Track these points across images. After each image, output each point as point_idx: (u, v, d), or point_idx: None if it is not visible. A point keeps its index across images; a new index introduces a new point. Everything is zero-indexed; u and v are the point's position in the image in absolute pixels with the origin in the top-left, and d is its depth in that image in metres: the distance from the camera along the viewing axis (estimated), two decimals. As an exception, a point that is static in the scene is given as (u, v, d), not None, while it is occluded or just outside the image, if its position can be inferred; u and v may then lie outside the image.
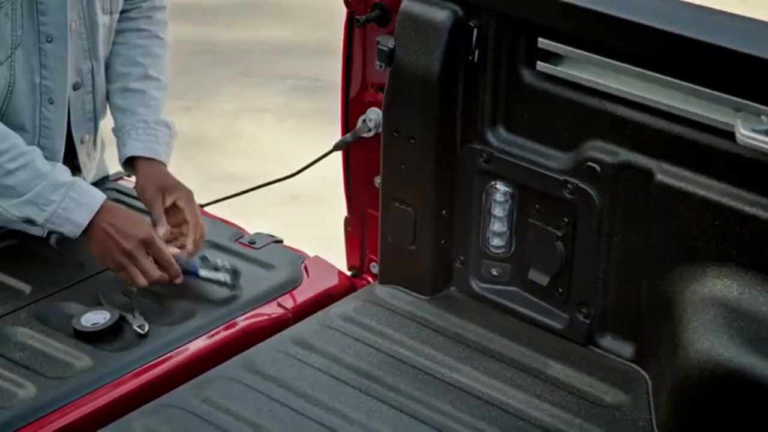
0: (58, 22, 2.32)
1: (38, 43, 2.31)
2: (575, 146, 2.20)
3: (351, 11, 2.41)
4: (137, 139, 2.48)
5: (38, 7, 2.29)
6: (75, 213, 2.28)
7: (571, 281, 2.27)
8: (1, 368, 2.17)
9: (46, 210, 2.28)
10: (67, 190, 2.28)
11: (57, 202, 2.27)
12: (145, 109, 2.50)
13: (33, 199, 2.27)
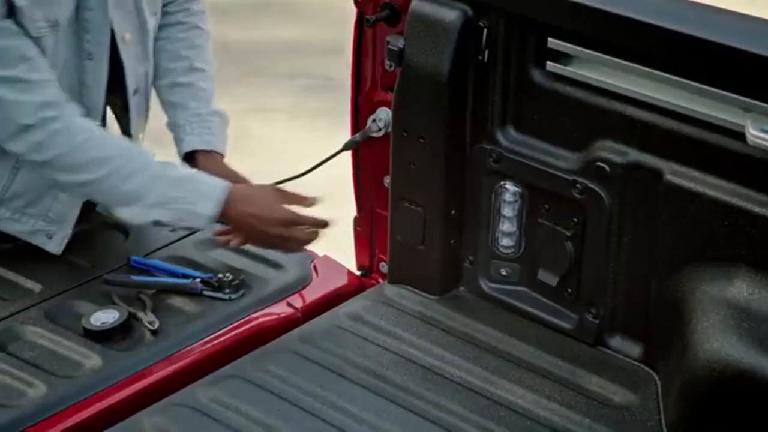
0: (99, 40, 2.32)
1: (80, 60, 2.31)
2: (585, 146, 2.19)
3: (361, 11, 2.42)
4: (193, 134, 2.49)
5: (84, 24, 2.29)
6: (200, 206, 2.25)
7: (581, 281, 2.27)
8: (12, 367, 2.17)
9: (171, 209, 2.25)
10: (188, 185, 2.27)
11: (180, 199, 2.25)
12: (196, 102, 2.52)
13: (155, 201, 2.25)
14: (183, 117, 2.51)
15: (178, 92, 2.53)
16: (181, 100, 2.52)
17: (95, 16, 2.30)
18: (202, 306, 2.36)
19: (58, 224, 2.40)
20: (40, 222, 2.40)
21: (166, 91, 2.54)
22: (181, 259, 2.49)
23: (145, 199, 2.25)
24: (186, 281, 2.39)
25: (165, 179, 2.26)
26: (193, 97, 2.52)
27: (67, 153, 2.22)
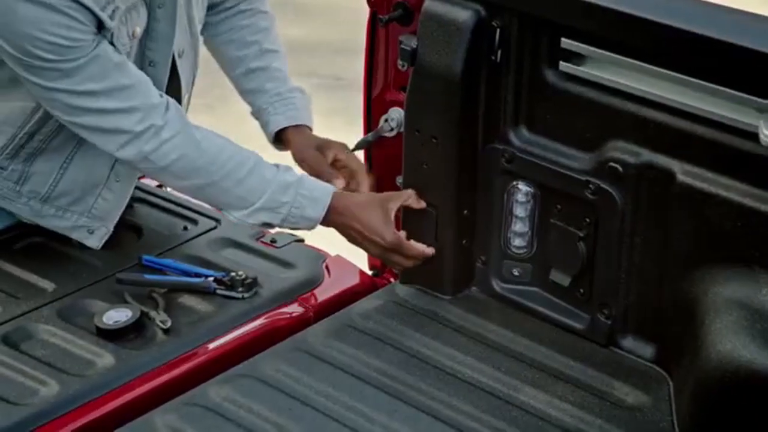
0: (163, 50, 2.33)
1: (141, 67, 2.31)
2: (597, 146, 2.19)
3: (374, 11, 2.42)
4: (276, 113, 2.50)
5: (150, 33, 2.30)
6: (308, 210, 2.28)
7: (593, 282, 2.27)
8: (24, 365, 2.18)
9: (280, 213, 2.28)
10: (296, 189, 2.28)
11: (289, 203, 2.27)
12: (273, 83, 2.52)
13: (265, 205, 2.27)
14: (263, 100, 2.51)
15: (254, 78, 2.52)
16: (258, 85, 2.52)
17: (162, 27, 2.31)
18: (214, 305, 2.37)
19: (100, 221, 2.43)
20: (83, 218, 2.42)
21: (241, 79, 2.54)
22: (194, 258, 2.49)
23: (256, 203, 2.27)
24: (198, 280, 2.39)
25: (275, 183, 2.28)
26: (269, 79, 2.52)
27: (179, 159, 2.23)
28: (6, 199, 2.41)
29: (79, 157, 2.38)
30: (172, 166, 2.24)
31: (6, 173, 2.39)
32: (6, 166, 2.38)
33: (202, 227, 2.60)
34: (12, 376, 2.15)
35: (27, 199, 2.41)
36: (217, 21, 2.55)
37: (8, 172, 2.39)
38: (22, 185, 2.40)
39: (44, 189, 2.39)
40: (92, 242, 2.44)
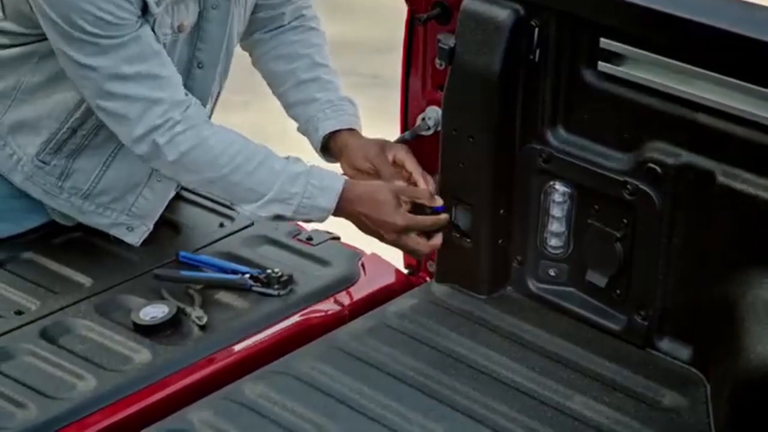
0: (213, 52, 2.34)
1: (190, 67, 2.33)
2: (636, 147, 2.18)
3: (412, 9, 2.41)
4: (327, 119, 2.45)
5: (200, 35, 2.31)
6: (320, 199, 2.27)
7: (630, 283, 2.26)
8: (62, 360, 2.19)
9: (291, 204, 2.26)
10: (307, 178, 2.27)
11: (300, 194, 2.26)
12: (325, 93, 2.48)
13: (276, 196, 2.26)
14: (314, 108, 2.47)
15: (304, 88, 2.49)
16: (308, 95, 2.48)
17: (213, 28, 2.31)
18: (250, 302, 2.37)
19: (140, 219, 2.44)
20: (123, 216, 2.43)
21: (291, 92, 2.50)
22: (230, 255, 2.50)
23: (266, 195, 2.26)
24: (234, 277, 2.40)
25: (285, 174, 2.27)
26: (320, 90, 2.49)
27: (189, 151, 2.24)
28: (48, 194, 2.43)
29: (121, 156, 2.39)
30: (183, 159, 2.24)
31: (48, 168, 2.41)
32: (49, 161, 2.40)
33: (239, 224, 2.61)
34: (50, 370, 2.17)
35: (68, 195, 2.42)
36: (269, 38, 2.53)
37: (51, 167, 2.40)
38: (64, 181, 2.41)
39: (86, 186, 2.41)
40: (131, 239, 2.46)
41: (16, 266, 2.43)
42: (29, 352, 2.21)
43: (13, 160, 2.41)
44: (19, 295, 2.36)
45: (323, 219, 2.32)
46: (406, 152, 2.41)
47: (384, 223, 2.29)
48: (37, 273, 2.42)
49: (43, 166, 2.40)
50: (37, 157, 2.40)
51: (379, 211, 2.29)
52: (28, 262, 2.45)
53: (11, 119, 2.39)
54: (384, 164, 2.39)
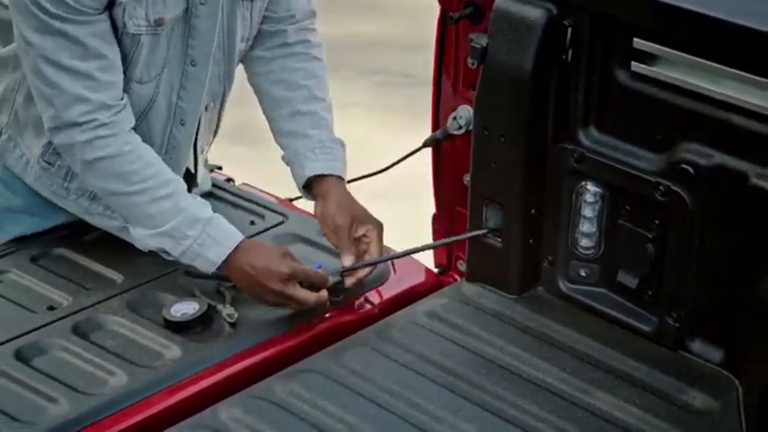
0: (204, 49, 2.33)
1: (183, 65, 2.32)
2: (668, 148, 2.17)
3: (444, 8, 2.41)
4: (316, 160, 2.42)
5: (191, 31, 2.30)
6: (210, 250, 2.25)
7: (661, 284, 2.25)
8: (94, 355, 2.20)
9: (181, 244, 2.25)
10: (204, 227, 2.26)
11: (193, 237, 2.24)
12: (318, 131, 2.45)
13: (170, 232, 2.25)
14: (303, 145, 2.44)
15: (298, 121, 2.46)
16: (301, 129, 2.46)
17: (203, 24, 2.30)
18: (280, 299, 2.38)
19: None
20: None
21: (284, 120, 2.48)
22: (261, 252, 2.50)
23: (161, 226, 2.25)
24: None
25: (186, 213, 2.26)
26: (313, 126, 2.46)
27: (106, 158, 2.24)
28: (56, 195, 2.43)
29: None
30: (96, 164, 2.24)
31: (54, 169, 2.41)
32: (53, 162, 2.40)
33: (269, 222, 2.62)
34: (82, 366, 2.18)
35: (76, 197, 2.42)
36: (271, 58, 2.50)
37: (56, 168, 2.41)
38: (69, 182, 2.41)
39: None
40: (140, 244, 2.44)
41: (48, 262, 2.45)
42: (61, 347, 2.22)
43: (23, 160, 2.43)
44: (51, 290, 2.37)
45: (206, 270, 2.28)
46: (378, 236, 2.38)
47: (268, 272, 2.24)
48: (69, 269, 2.43)
49: (49, 167, 2.41)
50: (42, 158, 2.40)
51: (263, 258, 2.26)
52: (60, 258, 2.47)
53: (18, 121, 2.41)
54: (346, 235, 2.36)
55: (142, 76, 2.30)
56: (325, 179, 2.42)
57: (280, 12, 2.47)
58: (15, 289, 2.38)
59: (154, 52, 2.28)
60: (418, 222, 2.81)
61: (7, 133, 2.43)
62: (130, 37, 2.25)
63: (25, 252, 2.46)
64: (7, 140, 2.43)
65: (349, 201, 2.41)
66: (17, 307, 2.33)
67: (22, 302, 2.34)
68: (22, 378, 2.14)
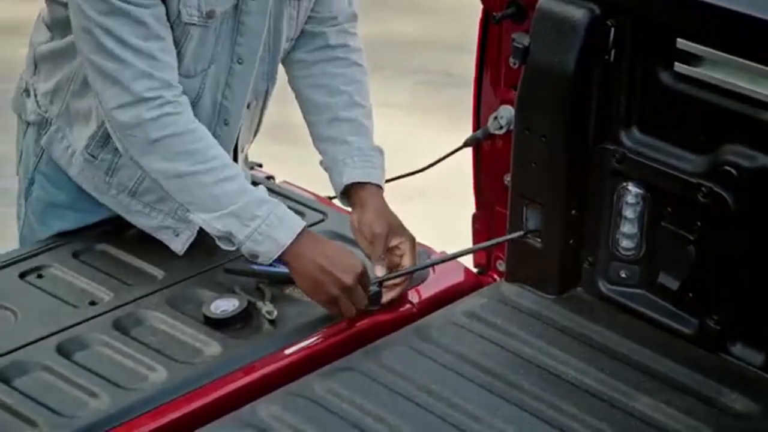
0: (252, 47, 2.33)
1: (230, 63, 2.33)
2: (711, 149, 2.16)
3: (487, 8, 2.41)
4: (354, 167, 2.41)
5: (239, 28, 2.31)
6: (278, 231, 2.22)
7: (703, 286, 2.23)
8: (134, 351, 2.22)
9: (249, 225, 2.21)
10: (271, 208, 2.24)
11: (262, 218, 2.22)
12: (357, 138, 2.43)
13: (237, 212, 2.21)
14: (342, 151, 2.43)
15: (338, 127, 2.45)
16: (340, 135, 2.44)
17: (253, 21, 2.31)
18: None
19: (185, 223, 2.41)
20: (169, 219, 2.42)
21: (324, 125, 2.47)
22: (300, 250, 2.51)
23: (228, 207, 2.22)
24: None
25: (252, 195, 2.25)
26: (353, 133, 2.45)
27: (173, 135, 2.22)
28: (98, 190, 2.44)
29: None
30: (163, 142, 2.21)
31: (97, 162, 2.42)
32: (97, 155, 2.41)
33: (309, 220, 2.62)
34: (122, 361, 2.19)
35: (116, 192, 2.43)
36: (312, 62, 2.49)
37: (99, 161, 2.41)
38: (111, 176, 2.42)
39: (131, 183, 2.41)
40: (176, 245, 2.43)
41: (90, 257, 2.46)
42: (102, 342, 2.24)
43: (69, 153, 2.44)
44: (93, 285, 2.39)
45: (270, 255, 2.24)
46: (411, 247, 2.37)
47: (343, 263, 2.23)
48: (110, 264, 2.44)
49: (92, 160, 2.42)
50: (86, 150, 2.41)
51: (336, 249, 2.26)
52: (102, 254, 2.48)
53: (68, 112, 2.42)
54: (380, 244, 2.35)
55: (189, 69, 2.31)
56: (363, 187, 2.42)
57: (323, 12, 2.47)
58: (57, 284, 2.40)
59: (202, 46, 2.29)
60: (457, 220, 2.81)
61: (57, 124, 2.44)
62: (181, 28, 2.26)
63: (68, 247, 2.48)
64: (56, 131, 2.45)
65: (386, 211, 2.41)
66: (59, 301, 2.35)
67: (64, 297, 2.36)
68: (63, 372, 2.16)
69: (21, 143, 2.54)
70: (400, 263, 2.38)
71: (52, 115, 2.45)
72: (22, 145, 2.54)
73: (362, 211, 2.40)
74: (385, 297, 2.35)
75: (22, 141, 2.54)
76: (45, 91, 2.44)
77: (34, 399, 2.10)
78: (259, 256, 2.26)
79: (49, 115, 2.45)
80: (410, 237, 2.39)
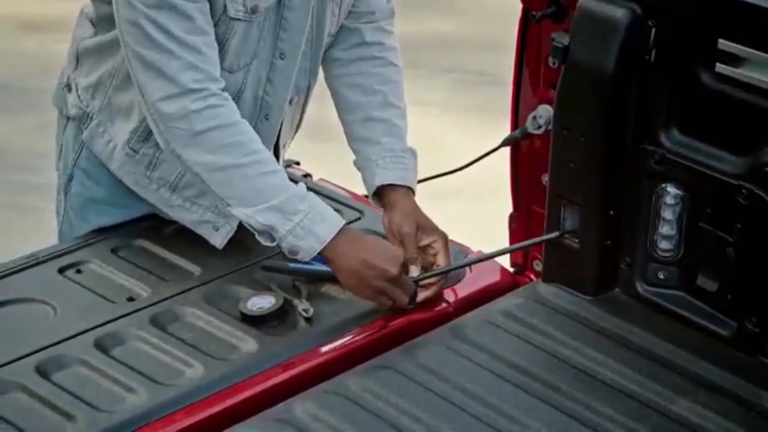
0: (294, 42, 2.34)
1: (272, 58, 2.34)
2: (752, 151, 2.14)
3: (526, 7, 2.40)
4: (386, 168, 2.41)
5: (282, 23, 2.31)
6: (320, 226, 2.23)
7: (741, 288, 2.22)
8: (171, 347, 2.22)
9: (291, 219, 2.22)
10: (311, 204, 2.25)
11: (304, 212, 2.23)
12: (390, 138, 2.44)
13: (280, 206, 2.22)
14: (375, 152, 2.43)
15: (371, 127, 2.45)
16: (374, 136, 2.44)
17: (296, 17, 2.31)
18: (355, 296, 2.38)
19: (224, 218, 2.42)
20: (208, 213, 2.43)
21: (358, 125, 2.47)
22: (337, 248, 2.51)
23: (271, 201, 2.22)
24: None
25: (295, 190, 2.26)
26: (386, 133, 2.45)
27: (217, 128, 2.23)
28: (138, 185, 2.45)
29: None
30: (208, 134, 2.22)
31: (138, 157, 2.43)
32: (138, 149, 2.42)
33: (346, 218, 2.61)
34: (159, 357, 2.20)
35: (157, 186, 2.44)
36: (348, 60, 2.49)
37: (140, 156, 2.43)
38: (152, 171, 2.43)
39: (172, 177, 2.42)
40: (216, 240, 2.44)
41: (128, 253, 2.48)
42: (139, 338, 2.25)
43: (110, 147, 2.45)
44: (130, 281, 2.40)
45: (311, 251, 2.25)
46: (444, 245, 2.37)
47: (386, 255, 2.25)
48: (148, 261, 2.46)
49: (134, 155, 2.43)
50: (127, 145, 2.42)
51: (376, 243, 2.28)
52: (140, 250, 2.50)
53: (110, 106, 2.43)
54: (411, 243, 2.35)
55: (232, 64, 2.32)
56: (394, 189, 2.42)
57: (362, 7, 2.48)
58: (95, 279, 2.41)
59: (246, 41, 2.30)
60: (494, 220, 2.81)
61: (98, 119, 2.46)
62: (226, 22, 2.27)
63: (106, 243, 2.50)
64: (97, 126, 2.46)
65: (415, 211, 2.41)
66: (97, 297, 2.36)
67: (102, 293, 2.37)
68: (101, 367, 2.17)
69: (61, 138, 2.56)
70: (435, 262, 2.38)
71: (93, 110, 2.46)
72: (62, 140, 2.56)
73: (392, 212, 2.41)
74: (420, 296, 2.35)
75: (62, 136, 2.56)
76: (86, 86, 2.46)
77: (72, 393, 2.11)
78: (300, 251, 2.26)
79: (90, 109, 2.46)
80: (442, 235, 2.39)
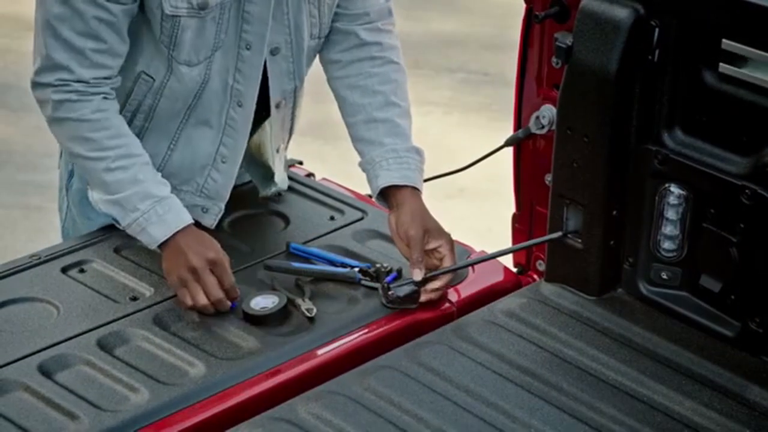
0: (258, 33, 2.35)
1: (237, 49, 2.35)
2: (755, 151, 2.14)
3: (530, 7, 2.40)
4: (389, 169, 2.41)
5: (244, 15, 2.33)
6: (154, 227, 2.32)
7: (745, 289, 2.22)
8: (174, 346, 2.23)
9: (129, 216, 2.33)
10: (154, 204, 2.32)
11: (141, 211, 2.32)
12: (393, 139, 2.43)
13: (121, 201, 2.33)
14: (378, 153, 2.43)
15: (374, 128, 2.45)
16: (377, 137, 2.44)
17: (257, 9, 2.32)
18: (358, 295, 2.38)
19: (211, 200, 2.46)
20: (195, 198, 2.46)
21: (360, 127, 2.47)
22: (339, 248, 2.51)
23: (113, 194, 2.33)
24: (344, 270, 2.41)
25: (141, 188, 2.32)
26: (388, 134, 2.44)
27: (72, 120, 2.31)
28: None
29: (185, 140, 2.42)
30: (62, 123, 2.33)
31: None
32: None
33: (349, 218, 2.62)
34: (162, 357, 2.21)
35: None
36: (347, 62, 2.49)
37: None
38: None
39: (156, 168, 2.43)
40: (207, 221, 2.47)
41: (131, 253, 2.48)
42: (143, 337, 2.25)
43: None
44: (134, 281, 2.40)
45: (149, 246, 2.35)
46: (450, 249, 2.36)
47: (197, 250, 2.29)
48: (151, 260, 2.45)
49: None
50: None
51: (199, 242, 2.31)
52: (143, 249, 2.48)
53: None
54: (418, 246, 2.34)
55: (190, 58, 2.34)
56: (399, 190, 2.41)
57: (353, 9, 2.47)
58: (98, 278, 2.41)
59: (201, 36, 2.31)
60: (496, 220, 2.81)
61: None
62: (170, 20, 2.29)
63: (109, 242, 2.50)
64: None
65: (422, 213, 2.40)
66: (100, 296, 2.36)
67: (105, 292, 2.37)
68: (104, 367, 2.18)
69: None
70: (440, 266, 2.37)
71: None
72: None
73: (398, 214, 2.40)
74: (423, 297, 2.35)
75: None
76: None
77: (75, 393, 2.12)
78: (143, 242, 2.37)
79: None
80: (448, 240, 2.39)
